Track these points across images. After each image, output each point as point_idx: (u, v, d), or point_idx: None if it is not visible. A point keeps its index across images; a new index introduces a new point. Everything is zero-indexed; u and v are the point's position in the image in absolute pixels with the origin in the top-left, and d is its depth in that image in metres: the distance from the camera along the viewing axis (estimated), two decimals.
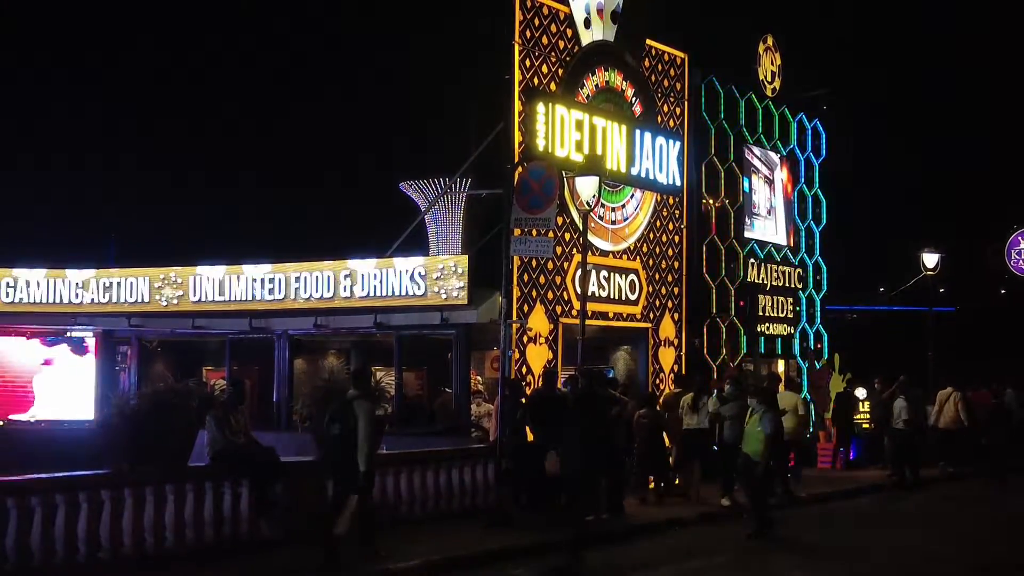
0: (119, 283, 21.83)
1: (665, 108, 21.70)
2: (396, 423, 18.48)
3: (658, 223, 21.41)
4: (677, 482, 18.22)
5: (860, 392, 25.80)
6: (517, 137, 17.88)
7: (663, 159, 20.89)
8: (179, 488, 12.45)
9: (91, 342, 22.75)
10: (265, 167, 39.32)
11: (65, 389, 22.61)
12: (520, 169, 17.11)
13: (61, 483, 11.72)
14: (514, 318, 17.00)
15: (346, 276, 19.68)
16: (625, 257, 20.51)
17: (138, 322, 22.00)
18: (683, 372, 20.95)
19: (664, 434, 18.15)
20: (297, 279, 20.24)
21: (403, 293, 19.07)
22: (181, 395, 12.73)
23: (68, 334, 22.80)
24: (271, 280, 20.43)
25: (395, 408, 19.41)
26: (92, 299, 22.03)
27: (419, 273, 19.00)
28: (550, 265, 18.54)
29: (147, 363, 22.75)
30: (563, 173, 18.23)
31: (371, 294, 19.46)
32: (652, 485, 17.76)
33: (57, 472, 12.10)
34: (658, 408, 18.38)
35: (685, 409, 17.93)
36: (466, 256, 19.36)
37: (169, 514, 12.35)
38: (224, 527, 12.86)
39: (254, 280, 20.61)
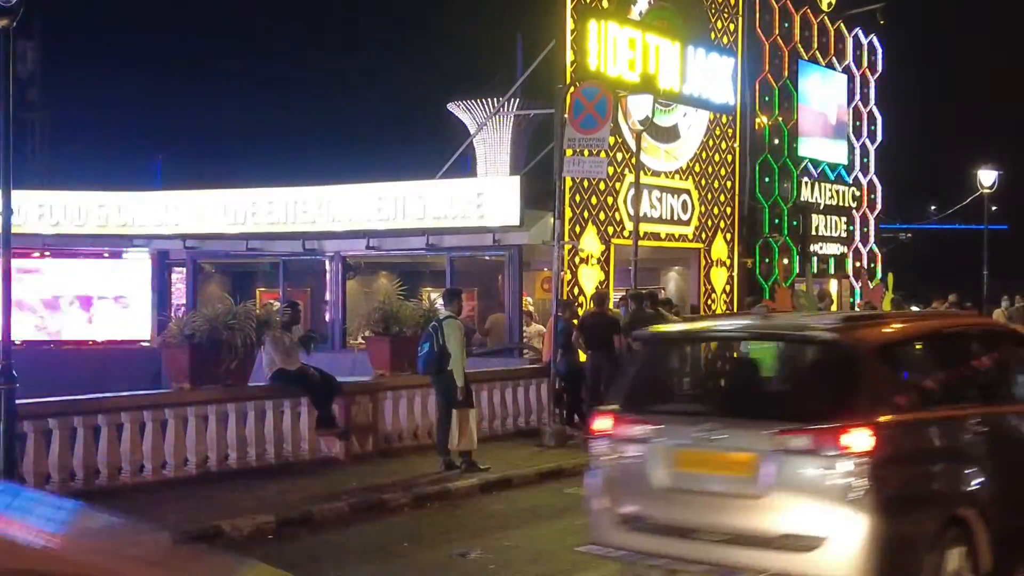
0: (174, 205, 22.03)
1: (719, 24, 21.31)
2: None
3: (711, 142, 21.16)
4: None
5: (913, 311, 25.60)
6: (569, 56, 17.65)
7: (716, 77, 20.55)
8: (240, 407, 12.66)
9: (147, 264, 23.04)
10: (314, 88, 39.29)
11: (122, 310, 22.97)
12: (573, 89, 16.91)
13: (127, 402, 11.96)
14: (566, 239, 16.95)
15: (398, 198, 19.69)
16: (677, 177, 20.33)
17: (193, 244, 22.23)
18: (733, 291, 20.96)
19: None
20: (349, 201, 20.28)
21: (455, 215, 19.06)
22: (239, 316, 12.82)
23: (123, 256, 23.10)
24: (323, 202, 20.50)
25: None
26: (146, 221, 22.27)
27: (471, 194, 18.95)
28: (602, 186, 18.42)
29: (202, 285, 23.05)
30: (616, 92, 18.00)
31: (423, 216, 19.48)
32: None
33: (121, 392, 12.37)
34: None
35: None
36: (518, 177, 19.30)
37: (231, 433, 12.59)
38: (285, 445, 13.09)
39: (306, 202, 20.70)
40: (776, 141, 22.69)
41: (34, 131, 33.28)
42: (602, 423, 7.58)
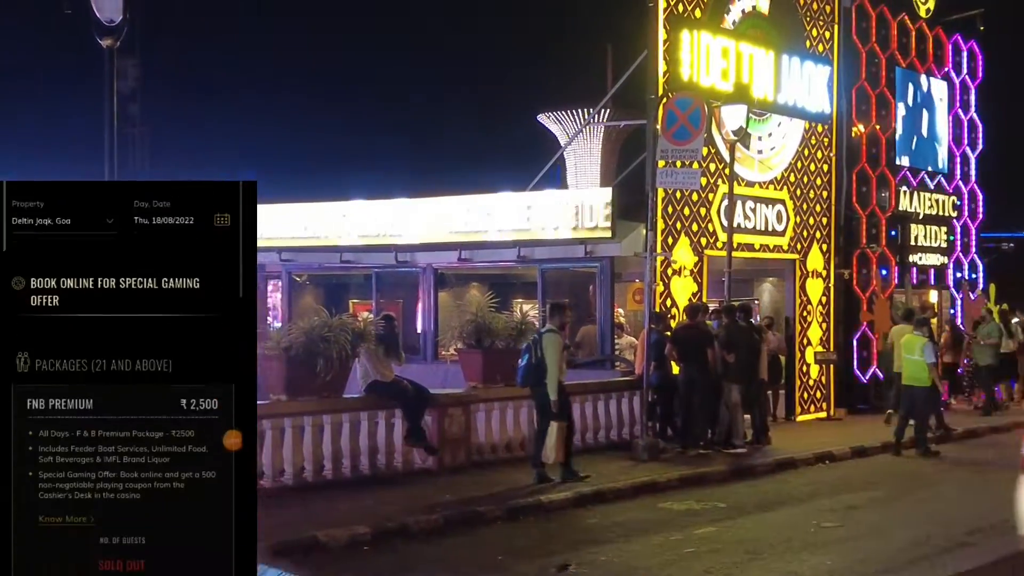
0: (270, 218, 22.35)
1: (814, 32, 20.99)
2: None
3: (806, 151, 20.84)
4: None
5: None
6: (661, 66, 17.53)
7: (812, 85, 20.23)
8: (335, 419, 12.79)
9: None
10: (404, 100, 39.68)
11: None
12: (665, 100, 16.79)
13: None
14: (659, 251, 16.82)
15: (489, 209, 19.73)
16: (772, 187, 20.05)
17: (288, 256, 22.56)
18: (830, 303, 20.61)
19: None
20: (440, 213, 20.39)
21: (546, 226, 19.03)
22: (335, 328, 12.96)
23: None
24: (415, 214, 20.64)
25: None
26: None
27: (562, 206, 18.92)
28: (694, 197, 18.24)
29: (296, 296, 23.39)
30: (709, 102, 17.83)
31: (514, 227, 19.48)
32: None
33: None
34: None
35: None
36: (610, 189, 19.21)
37: (327, 443, 12.72)
38: (379, 457, 13.19)
39: (398, 214, 20.87)
40: (873, 150, 22.23)
41: (135, 146, 34.16)
42: None
